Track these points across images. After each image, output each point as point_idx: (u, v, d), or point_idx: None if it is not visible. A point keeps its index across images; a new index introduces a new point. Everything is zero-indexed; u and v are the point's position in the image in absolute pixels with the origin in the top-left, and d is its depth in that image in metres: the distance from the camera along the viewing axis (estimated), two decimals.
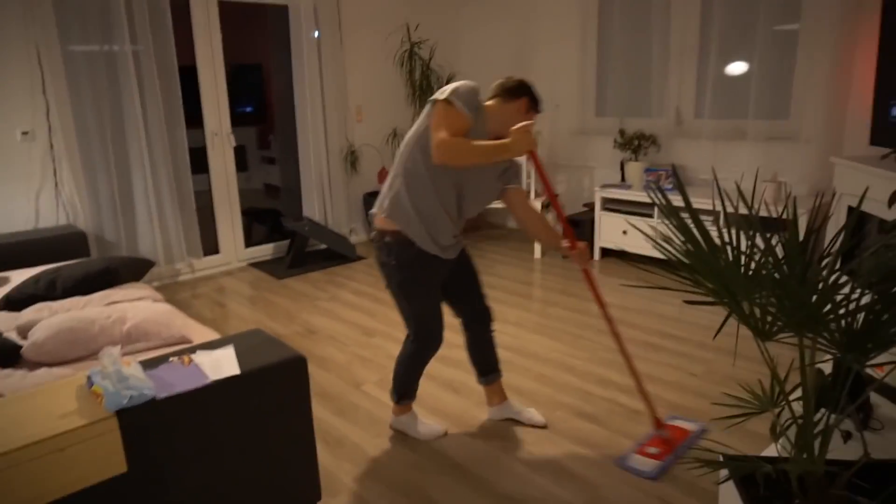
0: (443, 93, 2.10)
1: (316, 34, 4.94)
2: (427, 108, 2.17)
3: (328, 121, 5.15)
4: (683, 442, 2.33)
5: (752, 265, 1.16)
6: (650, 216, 4.39)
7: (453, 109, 2.07)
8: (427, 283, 2.28)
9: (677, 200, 4.20)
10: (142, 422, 1.56)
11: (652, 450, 2.29)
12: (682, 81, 4.52)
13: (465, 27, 5.91)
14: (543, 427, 2.52)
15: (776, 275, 1.03)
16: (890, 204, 2.39)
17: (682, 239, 1.12)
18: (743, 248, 1.19)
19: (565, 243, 2.30)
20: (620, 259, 4.77)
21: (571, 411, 2.62)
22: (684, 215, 1.25)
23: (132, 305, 2.43)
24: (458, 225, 2.30)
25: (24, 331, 2.37)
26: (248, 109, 7.98)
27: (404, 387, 2.45)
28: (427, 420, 2.55)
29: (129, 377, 1.57)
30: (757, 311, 1.06)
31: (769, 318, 1.04)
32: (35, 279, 2.76)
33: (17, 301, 2.69)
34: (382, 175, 5.44)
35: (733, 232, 1.27)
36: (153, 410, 1.58)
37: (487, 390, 2.58)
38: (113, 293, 2.68)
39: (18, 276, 3.26)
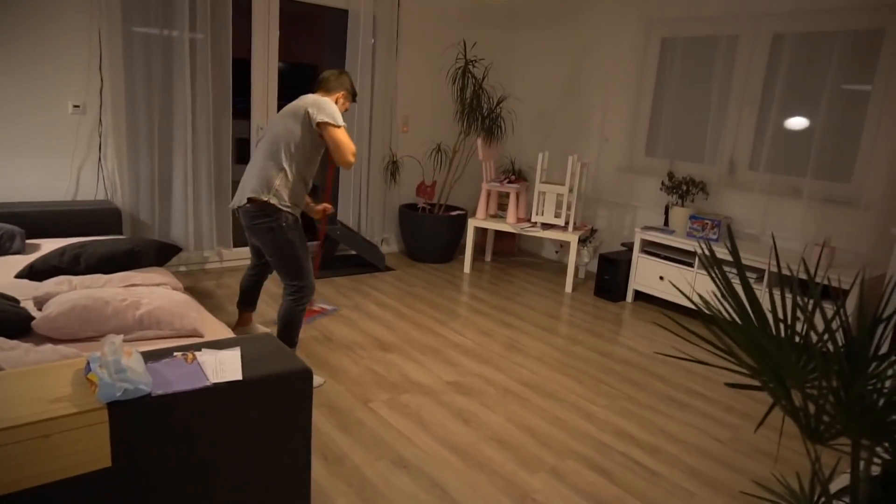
0: (328, 115, 2.81)
1: (372, 41, 4.93)
2: (303, 120, 2.82)
3: (374, 128, 5.12)
4: (320, 313, 3.87)
5: (802, 344, 1.04)
6: (690, 265, 4.22)
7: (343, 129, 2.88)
8: (304, 240, 2.96)
9: (721, 252, 4.04)
10: (133, 417, 1.50)
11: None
12: (740, 131, 4.36)
13: (521, 51, 5.85)
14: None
15: (837, 365, 0.91)
16: None
17: (727, 308, 1.00)
18: (791, 319, 1.07)
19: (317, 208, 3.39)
20: (652, 304, 4.60)
21: (584, 462, 2.49)
22: (729, 272, 1.13)
23: (149, 291, 2.39)
24: None
25: (40, 303, 2.35)
26: None
27: (294, 340, 2.99)
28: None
29: (126, 369, 1.51)
30: (811, 407, 0.93)
31: (824, 418, 0.92)
32: (60, 251, 2.75)
33: (40, 271, 2.68)
34: (421, 188, 5.38)
35: (782, 299, 1.15)
36: (146, 407, 1.51)
37: (244, 317, 3.36)
38: (133, 275, 2.65)
39: (49, 245, 3.29)
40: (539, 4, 5.65)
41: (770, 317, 1.08)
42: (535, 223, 4.86)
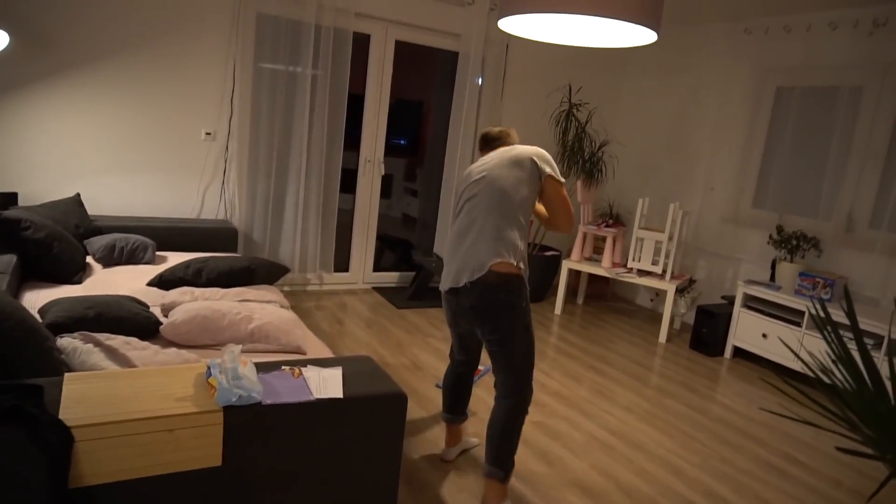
0: (553, 169, 2.31)
1: (479, 81, 5.10)
2: (530, 171, 2.28)
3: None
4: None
5: None
6: (797, 324, 3.99)
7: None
8: None
9: (836, 315, 3.80)
10: (244, 421, 1.62)
11: None
12: (861, 186, 4.12)
13: (626, 96, 5.83)
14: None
15: None
16: None
17: (843, 372, 0.97)
18: None
19: None
20: (753, 362, 4.37)
21: None
22: (844, 335, 1.10)
23: (260, 307, 2.57)
24: None
25: (167, 310, 2.58)
26: (402, 142, 8.40)
27: (512, 458, 2.27)
28: None
29: (242, 377, 1.64)
30: None
31: None
32: (186, 264, 3.02)
33: (167, 281, 2.95)
34: None
35: None
36: (256, 414, 1.64)
37: (453, 432, 2.67)
38: (247, 291, 2.86)
39: (175, 258, 3.60)
40: (648, 51, 5.64)
41: (889, 384, 1.04)
42: (631, 269, 4.78)
